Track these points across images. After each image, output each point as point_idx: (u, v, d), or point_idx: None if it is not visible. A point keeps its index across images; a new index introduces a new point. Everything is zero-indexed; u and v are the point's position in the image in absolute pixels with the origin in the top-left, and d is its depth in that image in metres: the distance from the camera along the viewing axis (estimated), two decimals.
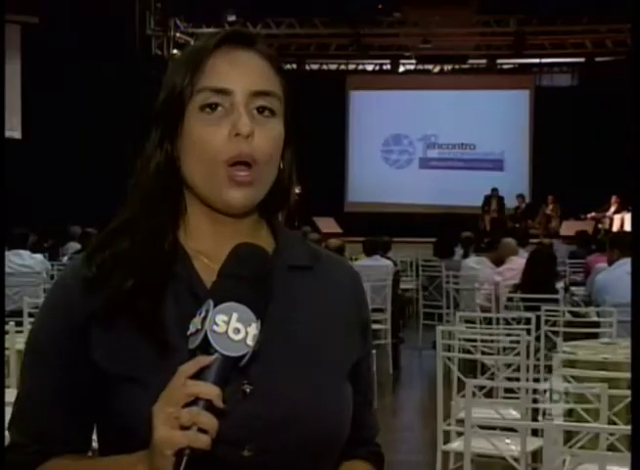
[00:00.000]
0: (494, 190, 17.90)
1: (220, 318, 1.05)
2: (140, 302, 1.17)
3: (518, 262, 7.78)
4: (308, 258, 1.29)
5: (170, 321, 1.16)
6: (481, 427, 3.70)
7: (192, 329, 1.07)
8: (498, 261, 8.82)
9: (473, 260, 9.31)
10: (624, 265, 5.92)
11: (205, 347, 1.05)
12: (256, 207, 1.25)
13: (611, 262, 6.42)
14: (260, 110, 1.21)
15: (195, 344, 1.06)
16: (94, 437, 1.24)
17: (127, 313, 1.17)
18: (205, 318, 1.06)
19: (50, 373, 1.20)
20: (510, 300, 6.62)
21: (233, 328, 1.05)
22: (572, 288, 7.61)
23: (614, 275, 6.05)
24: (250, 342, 1.06)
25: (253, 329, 1.06)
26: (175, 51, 17.91)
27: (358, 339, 1.30)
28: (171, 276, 1.20)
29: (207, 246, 1.24)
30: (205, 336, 1.05)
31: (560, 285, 6.32)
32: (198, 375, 1.04)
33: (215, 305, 1.06)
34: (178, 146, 1.22)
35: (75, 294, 1.20)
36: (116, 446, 1.14)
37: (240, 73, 1.21)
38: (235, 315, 1.06)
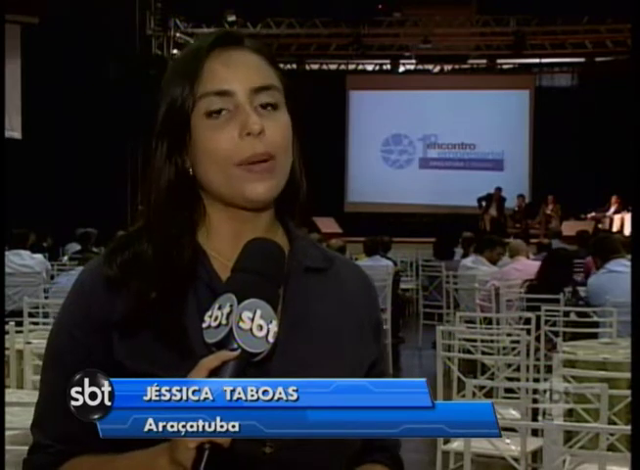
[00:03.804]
0: (498, 188, 17.84)
1: (246, 315, 1.07)
2: (162, 313, 1.17)
3: (524, 263, 7.72)
4: (322, 260, 1.31)
5: (192, 323, 1.16)
6: None
7: (211, 323, 1.08)
8: (493, 260, 8.83)
9: (469, 260, 9.30)
10: (614, 267, 5.93)
11: (225, 342, 1.07)
12: (272, 203, 1.26)
13: (597, 267, 6.38)
14: (264, 105, 1.21)
15: (217, 338, 1.07)
16: None
17: (149, 322, 1.17)
18: (230, 314, 1.07)
19: (68, 373, 1.17)
20: (521, 299, 6.58)
21: (257, 325, 1.07)
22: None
23: (603, 278, 6.03)
24: (270, 339, 1.08)
25: (274, 326, 1.08)
26: (175, 51, 17.89)
27: (372, 341, 1.31)
28: (192, 278, 1.21)
29: (226, 246, 1.25)
30: (230, 331, 1.06)
31: (567, 289, 6.29)
32: (215, 370, 1.05)
33: (239, 301, 1.07)
34: (189, 156, 1.22)
35: (96, 293, 1.21)
36: (133, 444, 1.13)
37: (237, 73, 1.21)
38: (259, 312, 1.07)
